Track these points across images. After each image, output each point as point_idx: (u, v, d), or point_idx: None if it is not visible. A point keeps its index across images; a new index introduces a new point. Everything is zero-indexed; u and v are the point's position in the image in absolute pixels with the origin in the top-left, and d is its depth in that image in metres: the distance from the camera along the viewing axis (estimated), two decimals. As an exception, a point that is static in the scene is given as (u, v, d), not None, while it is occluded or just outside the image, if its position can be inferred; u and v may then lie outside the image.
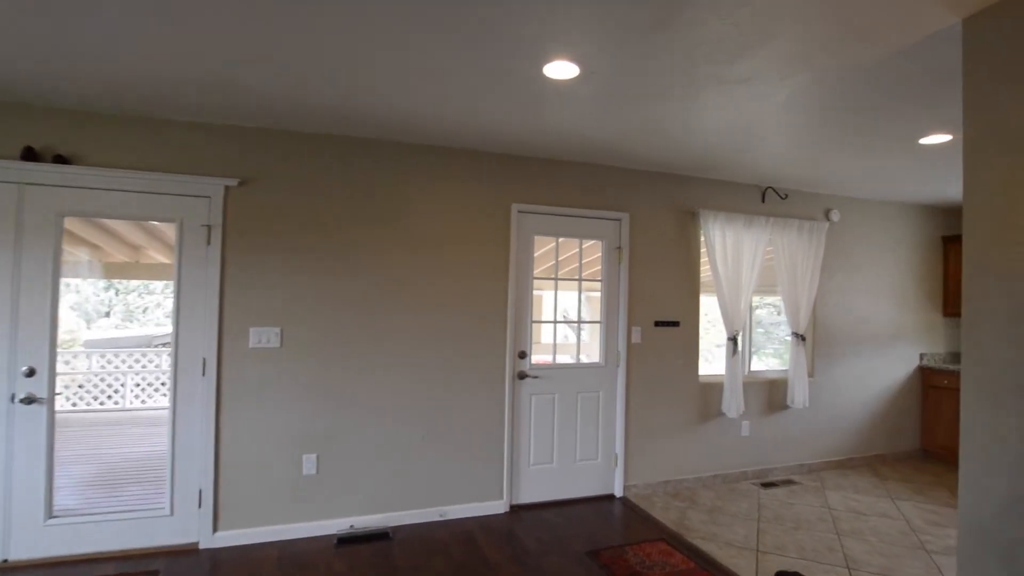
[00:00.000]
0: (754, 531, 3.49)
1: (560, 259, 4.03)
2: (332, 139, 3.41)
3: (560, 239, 4.01)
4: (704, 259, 4.42)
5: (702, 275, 4.42)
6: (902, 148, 3.45)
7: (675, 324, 4.28)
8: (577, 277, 4.05)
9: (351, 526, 3.39)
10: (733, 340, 4.32)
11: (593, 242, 4.10)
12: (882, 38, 2.11)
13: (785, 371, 4.78)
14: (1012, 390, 1.81)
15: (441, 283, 3.62)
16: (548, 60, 2.30)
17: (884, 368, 5.09)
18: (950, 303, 5.30)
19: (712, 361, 5.38)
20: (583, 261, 4.07)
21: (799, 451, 4.72)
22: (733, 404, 4.30)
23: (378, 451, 3.47)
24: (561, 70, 2.39)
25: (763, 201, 4.60)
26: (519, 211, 3.84)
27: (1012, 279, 1.81)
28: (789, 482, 4.46)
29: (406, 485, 3.53)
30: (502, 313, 3.77)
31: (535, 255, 3.93)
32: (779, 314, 5.26)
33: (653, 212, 4.21)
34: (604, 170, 4.06)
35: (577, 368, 4.02)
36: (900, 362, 5.16)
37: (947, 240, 5.33)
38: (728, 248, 4.33)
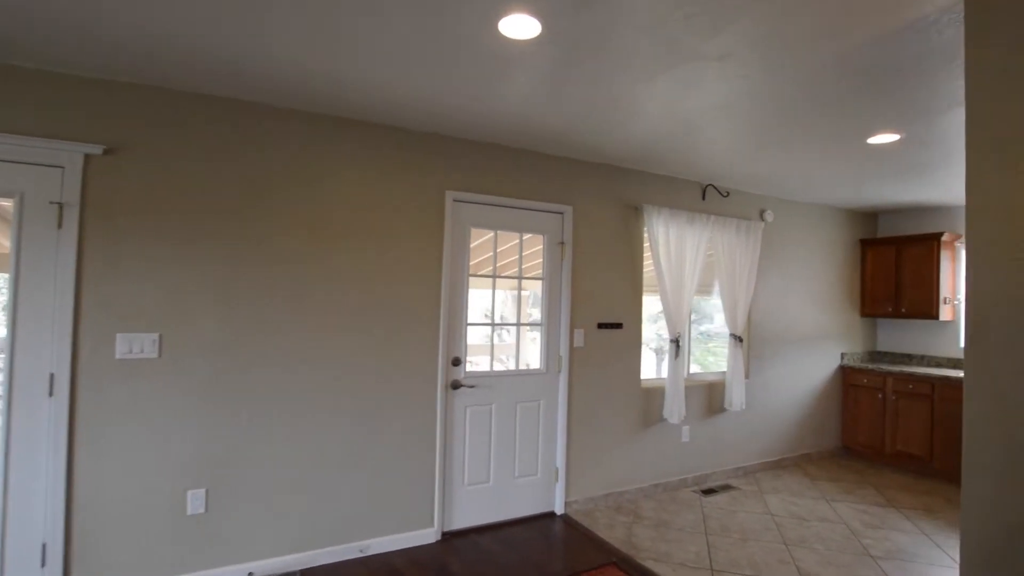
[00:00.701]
0: (704, 546, 3.30)
1: (498, 254, 3.64)
2: (230, 104, 2.80)
3: (499, 232, 3.62)
4: (647, 257, 4.22)
5: (644, 274, 4.22)
6: (850, 147, 3.39)
7: (618, 326, 4.03)
8: (517, 275, 3.69)
9: (250, 573, 2.80)
10: (675, 342, 4.15)
11: (534, 236, 3.75)
12: (875, 19, 1.91)
13: (722, 373, 4.70)
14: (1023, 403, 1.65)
15: (363, 280, 3.12)
16: (506, 12, 1.91)
17: (810, 368, 5.18)
18: (867, 304, 5.50)
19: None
20: (523, 256, 3.70)
21: (735, 454, 4.66)
22: (675, 409, 4.13)
23: (284, 480, 2.91)
24: (520, 27, 2.00)
25: (703, 199, 4.47)
26: (454, 200, 3.41)
27: (1022, 280, 1.65)
28: (728, 487, 4.36)
29: (319, 518, 2.99)
30: (434, 315, 3.32)
31: (471, 249, 3.51)
32: (691, 314, 5.19)
33: (597, 206, 3.94)
34: (547, 159, 3.72)
35: (516, 375, 3.65)
36: (824, 362, 5.28)
37: (864, 243, 5.53)
38: (672, 245, 4.15)
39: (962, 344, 5.09)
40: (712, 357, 5.05)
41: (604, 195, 3.96)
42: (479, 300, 3.68)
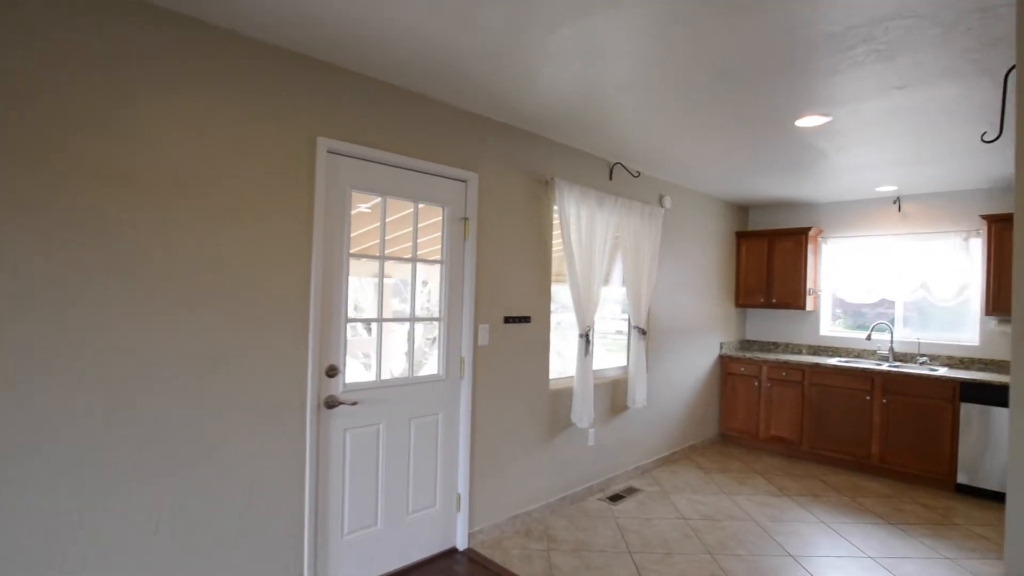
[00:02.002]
0: (634, 569, 2.87)
1: (387, 229, 2.82)
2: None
3: (388, 200, 2.80)
4: (556, 241, 3.70)
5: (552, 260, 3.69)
6: (777, 128, 3.19)
7: (526, 320, 3.45)
8: (411, 256, 2.90)
9: None
10: (585, 337, 3.69)
11: (431, 209, 3.00)
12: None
13: (620, 368, 4.39)
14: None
15: (195, 262, 2.10)
16: None
17: (696, 359, 5.14)
18: (741, 294, 5.65)
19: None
20: (419, 233, 2.93)
21: (635, 453, 4.39)
22: (584, 412, 3.68)
23: (58, 567, 1.81)
24: None
25: (611, 178, 4.09)
26: (330, 151, 2.51)
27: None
28: (632, 490, 4.05)
29: (117, 622, 1.93)
30: (301, 310, 2.41)
31: (352, 219, 2.65)
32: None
33: (505, 175, 3.30)
34: (450, 112, 2.98)
35: (410, 385, 2.87)
36: (706, 352, 5.29)
37: (740, 235, 5.68)
38: (583, 228, 3.68)
39: (822, 331, 5.44)
40: (605, 352, 4.73)
41: (512, 163, 3.34)
42: (362, 289, 2.83)
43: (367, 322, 2.83)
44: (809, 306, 5.26)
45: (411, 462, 2.86)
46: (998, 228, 4.21)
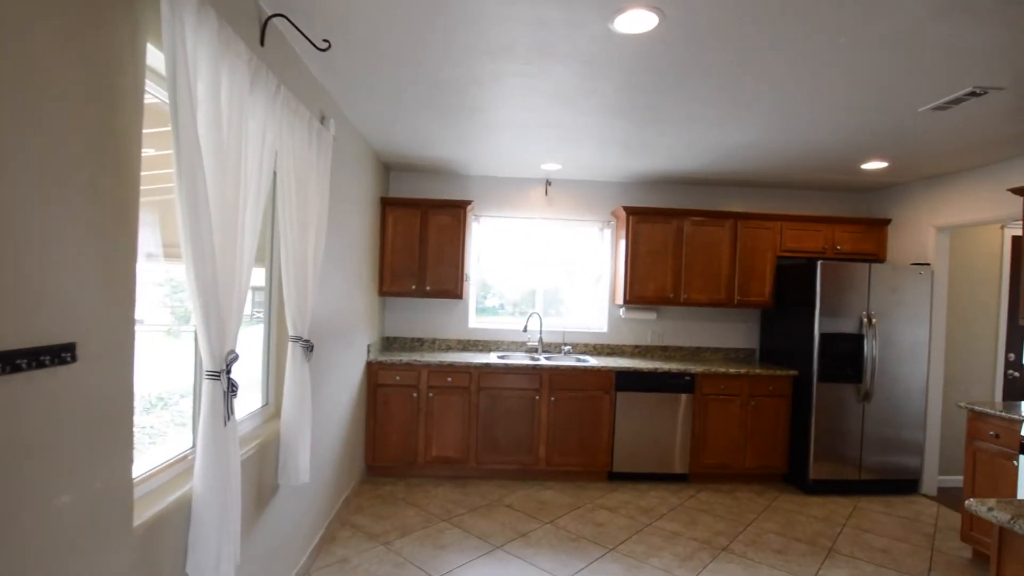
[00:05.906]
0: None
1: None
2: None
3: None
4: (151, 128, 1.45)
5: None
6: (587, 32, 2.02)
7: (66, 356, 1.13)
8: None
9: None
10: (225, 378, 1.62)
11: None
12: None
13: (262, 412, 2.38)
14: None
15: None
16: None
17: (349, 373, 3.54)
18: (387, 280, 4.34)
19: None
20: None
21: (290, 557, 2.47)
22: (224, 554, 1.61)
23: None
24: None
25: (263, 43, 2.03)
26: None
27: None
28: (300, 645, 2.18)
29: None
30: None
31: None
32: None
33: None
34: None
35: None
36: (356, 360, 3.75)
37: (387, 203, 4.34)
38: (224, 124, 1.57)
39: (471, 324, 4.75)
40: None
41: None
42: None
43: None
44: (464, 294, 4.46)
45: None
46: (635, 220, 4.42)
